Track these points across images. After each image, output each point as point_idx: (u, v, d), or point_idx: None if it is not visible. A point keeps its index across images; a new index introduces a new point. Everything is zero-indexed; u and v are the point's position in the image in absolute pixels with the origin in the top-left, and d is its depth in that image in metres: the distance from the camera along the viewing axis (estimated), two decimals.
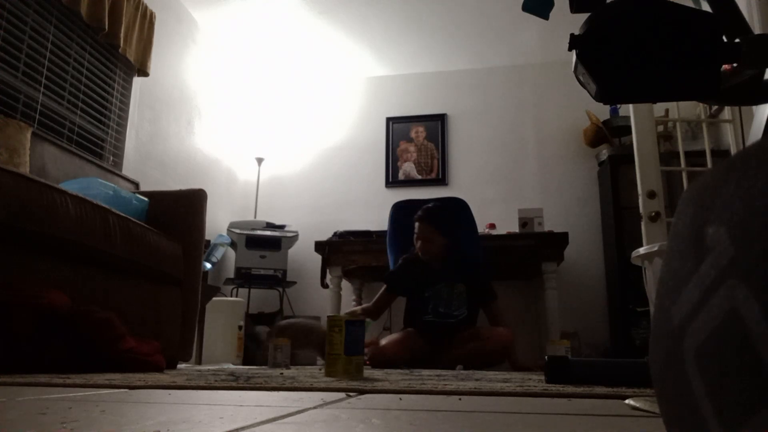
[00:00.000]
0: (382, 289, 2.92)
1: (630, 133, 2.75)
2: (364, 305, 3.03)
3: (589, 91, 0.73)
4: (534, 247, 3.30)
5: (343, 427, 0.52)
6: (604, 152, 3.83)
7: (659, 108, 3.35)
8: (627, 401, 0.77)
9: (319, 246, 3.62)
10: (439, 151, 4.35)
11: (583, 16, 0.73)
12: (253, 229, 3.86)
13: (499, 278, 3.46)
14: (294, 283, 4.00)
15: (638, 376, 1.11)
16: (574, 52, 0.71)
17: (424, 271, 2.84)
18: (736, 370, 0.22)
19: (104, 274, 1.85)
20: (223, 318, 3.37)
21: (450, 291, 2.82)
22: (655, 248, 1.67)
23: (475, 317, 2.84)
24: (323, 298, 3.90)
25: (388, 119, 4.52)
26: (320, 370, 1.66)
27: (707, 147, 2.72)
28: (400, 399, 0.83)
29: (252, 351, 3.48)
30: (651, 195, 2.44)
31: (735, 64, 0.72)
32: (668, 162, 3.13)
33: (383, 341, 2.76)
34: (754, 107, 0.86)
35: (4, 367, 1.29)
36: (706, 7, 0.74)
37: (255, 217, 4.34)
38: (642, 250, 1.71)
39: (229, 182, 4.41)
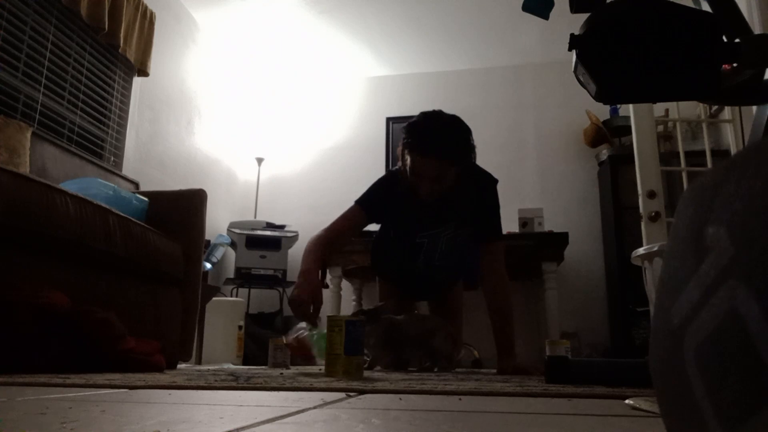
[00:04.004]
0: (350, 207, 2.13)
1: (630, 133, 2.75)
2: (319, 236, 2.08)
3: (589, 91, 0.73)
4: (534, 247, 3.30)
5: (343, 427, 0.52)
6: (604, 152, 3.83)
7: (659, 108, 3.35)
8: (627, 401, 0.77)
9: None
10: None
11: (583, 16, 0.73)
12: (253, 229, 3.86)
13: None
14: (294, 283, 3.99)
15: (638, 376, 1.11)
16: (574, 52, 0.71)
17: (415, 206, 2.05)
18: (736, 370, 0.22)
19: (104, 274, 1.85)
20: (223, 318, 3.37)
21: (453, 237, 2.14)
22: (655, 248, 1.66)
23: (468, 268, 2.25)
24: (323, 299, 3.89)
25: (388, 119, 4.52)
26: (320, 370, 1.66)
27: (707, 147, 2.72)
28: (400, 399, 0.83)
29: (252, 351, 3.48)
30: (651, 195, 2.44)
31: (735, 64, 0.72)
32: (668, 162, 3.13)
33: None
34: (754, 107, 0.86)
35: (4, 367, 1.29)
36: (706, 7, 0.74)
37: (255, 217, 4.35)
38: (642, 250, 1.71)
39: (229, 182, 4.41)
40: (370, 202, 2.10)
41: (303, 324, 2.11)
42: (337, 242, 2.10)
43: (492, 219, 2.09)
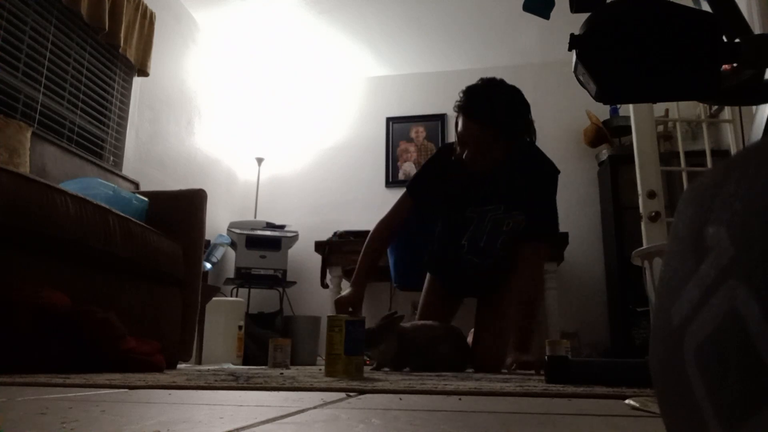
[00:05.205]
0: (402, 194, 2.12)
1: (630, 133, 2.75)
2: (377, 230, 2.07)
3: (589, 91, 0.73)
4: None
5: (343, 427, 0.52)
6: (604, 152, 3.83)
7: (659, 108, 3.35)
8: (627, 401, 0.77)
9: (319, 246, 3.62)
10: None
11: (583, 16, 0.73)
12: (253, 229, 3.86)
13: None
14: (294, 283, 4.00)
15: (638, 376, 1.11)
16: (574, 52, 0.71)
17: (467, 178, 1.98)
18: (736, 370, 0.22)
19: (104, 274, 1.85)
20: (223, 318, 3.37)
21: (499, 219, 2.01)
22: (655, 248, 1.66)
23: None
24: (323, 298, 3.90)
25: (388, 119, 4.52)
26: (320, 370, 1.66)
27: (707, 147, 2.72)
28: (400, 399, 0.83)
29: (252, 351, 3.47)
30: (651, 195, 2.44)
31: (735, 64, 0.72)
32: (668, 162, 3.13)
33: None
34: (754, 107, 0.86)
35: (4, 367, 1.29)
36: (706, 7, 0.74)
37: (255, 217, 4.34)
38: (642, 250, 1.71)
39: (229, 182, 4.41)
40: (419, 187, 2.07)
41: None
42: (391, 239, 2.16)
43: (542, 211, 1.97)
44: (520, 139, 1.93)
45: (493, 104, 1.83)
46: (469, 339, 2.47)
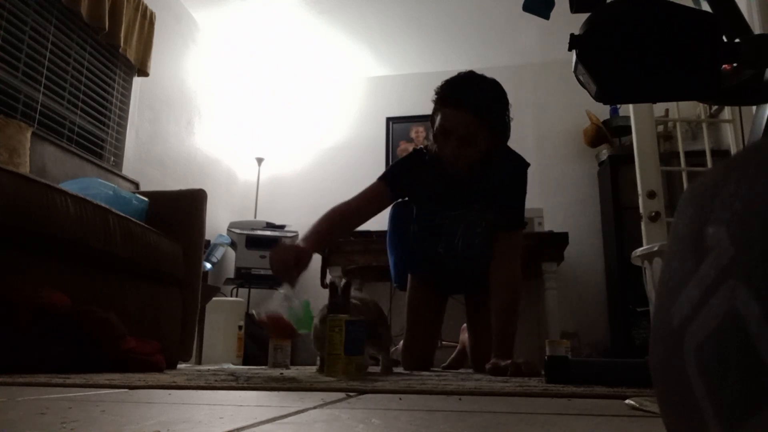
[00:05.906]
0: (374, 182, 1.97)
1: (630, 133, 2.75)
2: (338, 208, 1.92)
3: (589, 91, 0.73)
4: (534, 247, 3.30)
5: (344, 427, 0.52)
6: (604, 152, 3.83)
7: (659, 108, 3.35)
8: (627, 401, 0.77)
9: None
10: None
11: (583, 16, 0.73)
12: (253, 229, 3.86)
13: None
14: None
15: (638, 376, 1.11)
16: (574, 52, 0.71)
17: (442, 182, 1.93)
18: (736, 370, 0.22)
19: (104, 274, 1.85)
20: (223, 318, 3.37)
21: (476, 220, 1.96)
22: (655, 248, 1.66)
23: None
24: (323, 299, 3.89)
25: (388, 119, 4.52)
26: (316, 370, 1.65)
27: (707, 147, 2.72)
28: (400, 399, 0.83)
29: (252, 351, 3.47)
30: (651, 195, 2.45)
31: (735, 64, 0.72)
32: (668, 162, 3.13)
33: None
34: (754, 107, 0.86)
35: (4, 367, 1.29)
36: (706, 7, 0.74)
37: (255, 217, 4.34)
38: (642, 250, 1.71)
39: (229, 182, 4.40)
40: (395, 177, 1.94)
41: (277, 296, 1.71)
42: (352, 222, 1.94)
43: (515, 205, 1.95)
44: (501, 134, 1.86)
45: (479, 94, 1.78)
46: (463, 336, 2.46)
